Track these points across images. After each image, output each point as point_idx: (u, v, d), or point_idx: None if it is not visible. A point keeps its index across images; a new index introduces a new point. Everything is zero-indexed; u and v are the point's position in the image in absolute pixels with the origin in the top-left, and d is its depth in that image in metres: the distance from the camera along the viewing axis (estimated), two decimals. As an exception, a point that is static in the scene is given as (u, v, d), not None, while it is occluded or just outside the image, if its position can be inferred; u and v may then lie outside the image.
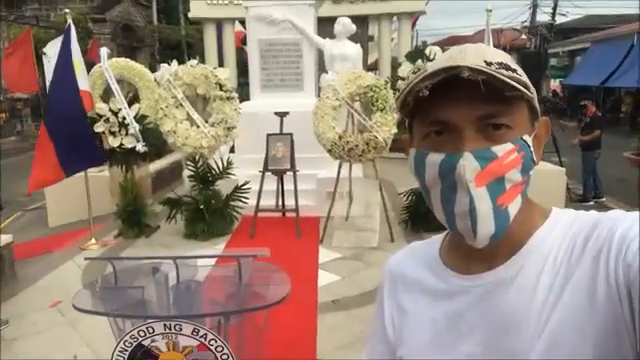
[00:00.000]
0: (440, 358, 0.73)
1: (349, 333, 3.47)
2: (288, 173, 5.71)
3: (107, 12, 20.23)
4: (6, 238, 4.58)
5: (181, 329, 1.73)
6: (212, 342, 1.74)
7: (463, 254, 0.74)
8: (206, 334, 1.73)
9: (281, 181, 5.88)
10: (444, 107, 0.65)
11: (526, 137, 0.67)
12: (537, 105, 0.69)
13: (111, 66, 5.79)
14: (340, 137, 5.30)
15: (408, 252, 0.87)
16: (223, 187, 5.80)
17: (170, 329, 1.73)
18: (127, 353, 1.79)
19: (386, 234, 5.37)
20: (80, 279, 4.58)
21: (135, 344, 1.77)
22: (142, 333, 1.75)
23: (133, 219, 5.74)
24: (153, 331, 1.74)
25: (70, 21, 5.20)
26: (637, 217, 0.62)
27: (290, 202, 5.74)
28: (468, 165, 0.63)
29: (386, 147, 5.33)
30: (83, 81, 5.14)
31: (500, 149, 0.64)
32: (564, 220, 0.70)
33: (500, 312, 0.68)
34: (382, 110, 5.29)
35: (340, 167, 5.55)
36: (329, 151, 5.38)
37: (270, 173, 5.74)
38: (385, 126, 5.24)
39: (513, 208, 0.66)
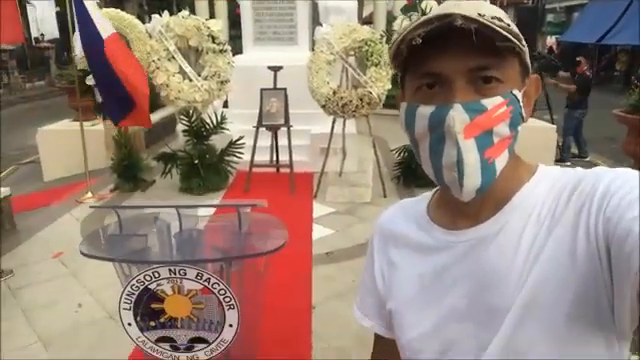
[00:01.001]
0: (425, 311, 0.75)
1: (342, 283, 3.61)
2: (282, 129, 5.73)
3: (92, -41, 19.45)
4: (4, 191, 4.62)
5: (185, 273, 1.83)
6: (215, 286, 1.84)
7: (450, 210, 0.76)
8: (209, 278, 1.83)
9: (275, 136, 5.91)
10: (436, 59, 0.65)
11: (516, 92, 0.67)
12: (528, 61, 0.69)
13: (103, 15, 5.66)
14: (334, 92, 5.30)
15: (398, 208, 0.88)
16: (217, 142, 5.81)
17: (175, 274, 1.83)
18: (134, 297, 1.89)
19: (379, 189, 5.47)
20: (79, 231, 4.67)
21: (142, 288, 1.87)
22: (148, 277, 1.84)
23: (129, 173, 5.77)
24: (159, 275, 1.84)
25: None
26: (620, 173, 0.64)
27: (284, 157, 5.79)
28: (457, 116, 0.63)
29: (380, 103, 5.35)
30: (107, 25, 4.96)
31: (489, 102, 0.64)
32: (549, 176, 0.71)
33: (483, 267, 0.69)
34: (377, 65, 5.27)
35: (334, 123, 5.57)
36: (323, 106, 5.39)
37: (264, 128, 5.76)
38: (379, 81, 5.24)
39: (500, 162, 0.67)
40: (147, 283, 1.86)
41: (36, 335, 3.07)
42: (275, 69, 5.80)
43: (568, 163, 7.19)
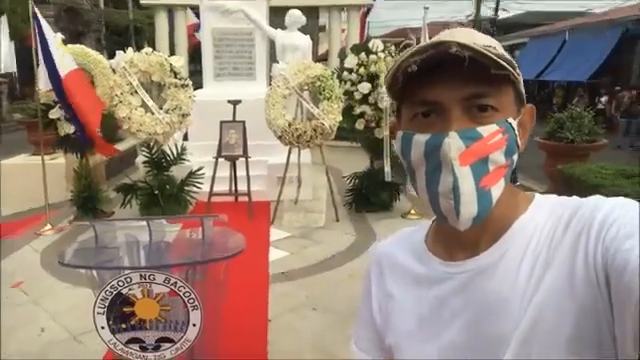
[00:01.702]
0: (425, 344, 0.74)
1: (296, 299, 3.90)
2: (241, 159, 6.04)
3: (50, -6, 19.53)
4: (-37, 222, 4.68)
5: (154, 278, 2.09)
6: (181, 289, 2.11)
7: (448, 241, 0.75)
8: (176, 282, 2.10)
9: (234, 167, 6.20)
10: (432, 87, 0.66)
11: (511, 120, 0.67)
12: (522, 90, 0.70)
13: (66, 52, 5.88)
14: (290, 124, 5.69)
15: (395, 239, 0.87)
16: (177, 173, 6.03)
17: (145, 278, 2.08)
18: (107, 301, 2.12)
19: (332, 215, 5.84)
20: (39, 262, 4.77)
21: (115, 293, 2.10)
22: (121, 283, 2.09)
23: (88, 205, 5.90)
24: (130, 281, 2.09)
25: (36, 9, 5.32)
26: (619, 202, 0.64)
27: (242, 187, 6.07)
28: (453, 143, 0.64)
29: (332, 134, 5.77)
30: (65, 64, 5.23)
31: (485, 129, 0.65)
32: (546, 205, 0.71)
33: (482, 299, 0.69)
34: (329, 99, 5.71)
35: (290, 153, 5.94)
36: (279, 137, 5.76)
37: (223, 159, 6.05)
38: (331, 114, 5.67)
39: (496, 191, 0.66)
40: (120, 288, 2.10)
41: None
42: (234, 103, 6.15)
43: None
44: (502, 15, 28.90)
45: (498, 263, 0.69)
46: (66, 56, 5.32)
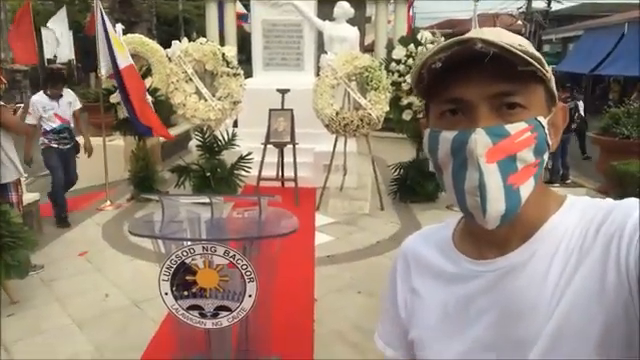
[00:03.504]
0: (449, 342, 0.74)
1: (341, 281, 4.03)
2: (288, 146, 6.21)
3: (105, -15, 20.30)
4: (33, 196, 5.07)
5: (215, 250, 2.25)
6: (239, 261, 2.27)
7: (476, 239, 0.74)
8: (235, 255, 2.25)
9: (281, 153, 6.38)
10: (459, 85, 0.65)
11: (541, 118, 0.66)
12: (554, 89, 0.69)
13: (125, 41, 6.20)
14: (337, 113, 5.80)
15: (422, 235, 0.87)
16: (227, 158, 6.27)
17: (207, 250, 2.25)
18: (172, 270, 2.31)
19: (377, 203, 5.92)
20: (101, 234, 5.11)
21: (179, 262, 2.29)
22: (185, 253, 2.27)
23: (145, 184, 6.23)
24: (194, 251, 2.26)
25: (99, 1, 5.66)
26: None
27: (289, 173, 6.25)
28: (480, 140, 0.63)
29: (379, 123, 5.84)
30: (122, 59, 5.55)
31: (513, 127, 0.64)
32: (578, 206, 0.70)
33: (511, 298, 0.68)
34: (376, 89, 5.78)
35: (336, 141, 6.05)
36: (327, 126, 5.88)
37: (271, 145, 6.23)
38: (378, 104, 5.74)
39: (525, 190, 0.65)
40: (183, 258, 2.28)
41: (70, 318, 3.47)
42: (283, 92, 6.31)
43: (557, 185, 7.65)
44: (555, 7, 27.81)
45: (527, 263, 0.68)
46: (122, 51, 5.62)
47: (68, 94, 5.47)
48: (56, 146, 5.33)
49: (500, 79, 0.63)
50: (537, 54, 0.64)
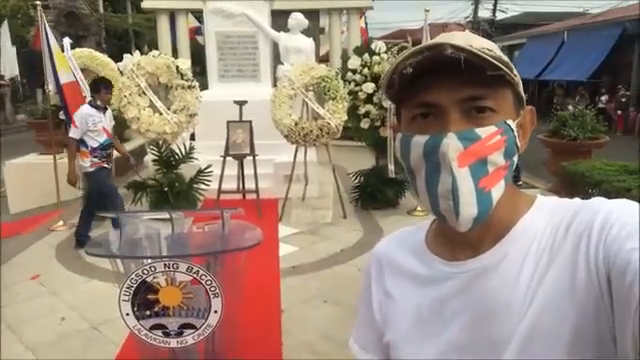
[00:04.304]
0: (423, 344, 0.74)
1: (307, 291, 4.01)
2: (248, 158, 6.15)
3: (50, -2, 19.65)
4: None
5: (178, 267, 2.19)
6: (203, 277, 2.21)
7: (449, 240, 0.75)
8: (198, 271, 2.20)
9: (241, 165, 6.31)
10: (429, 89, 0.66)
11: (510, 121, 0.67)
12: (522, 92, 0.71)
13: (74, 56, 6.01)
14: (296, 123, 5.80)
15: (395, 238, 0.87)
16: (186, 172, 6.14)
17: (169, 267, 2.19)
18: (132, 289, 2.23)
19: (339, 211, 5.94)
20: (54, 256, 4.88)
21: (139, 281, 2.21)
22: (145, 271, 2.19)
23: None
24: (155, 269, 2.19)
25: (42, 13, 5.44)
26: (619, 203, 0.64)
27: (250, 185, 6.18)
28: (452, 144, 0.64)
29: (338, 132, 5.88)
30: (63, 74, 5.35)
31: (483, 131, 0.65)
32: (548, 207, 0.71)
33: (484, 299, 0.68)
34: (334, 99, 5.82)
35: (296, 152, 6.05)
36: (286, 136, 5.86)
37: (231, 158, 6.15)
38: (337, 113, 5.78)
39: (496, 192, 0.66)
40: (144, 276, 2.21)
41: (24, 346, 3.28)
42: (240, 103, 6.25)
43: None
44: (500, 16, 29.10)
45: (499, 264, 0.69)
46: (63, 66, 5.43)
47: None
48: (107, 165, 4.88)
49: (470, 83, 0.65)
50: (505, 58, 0.65)
